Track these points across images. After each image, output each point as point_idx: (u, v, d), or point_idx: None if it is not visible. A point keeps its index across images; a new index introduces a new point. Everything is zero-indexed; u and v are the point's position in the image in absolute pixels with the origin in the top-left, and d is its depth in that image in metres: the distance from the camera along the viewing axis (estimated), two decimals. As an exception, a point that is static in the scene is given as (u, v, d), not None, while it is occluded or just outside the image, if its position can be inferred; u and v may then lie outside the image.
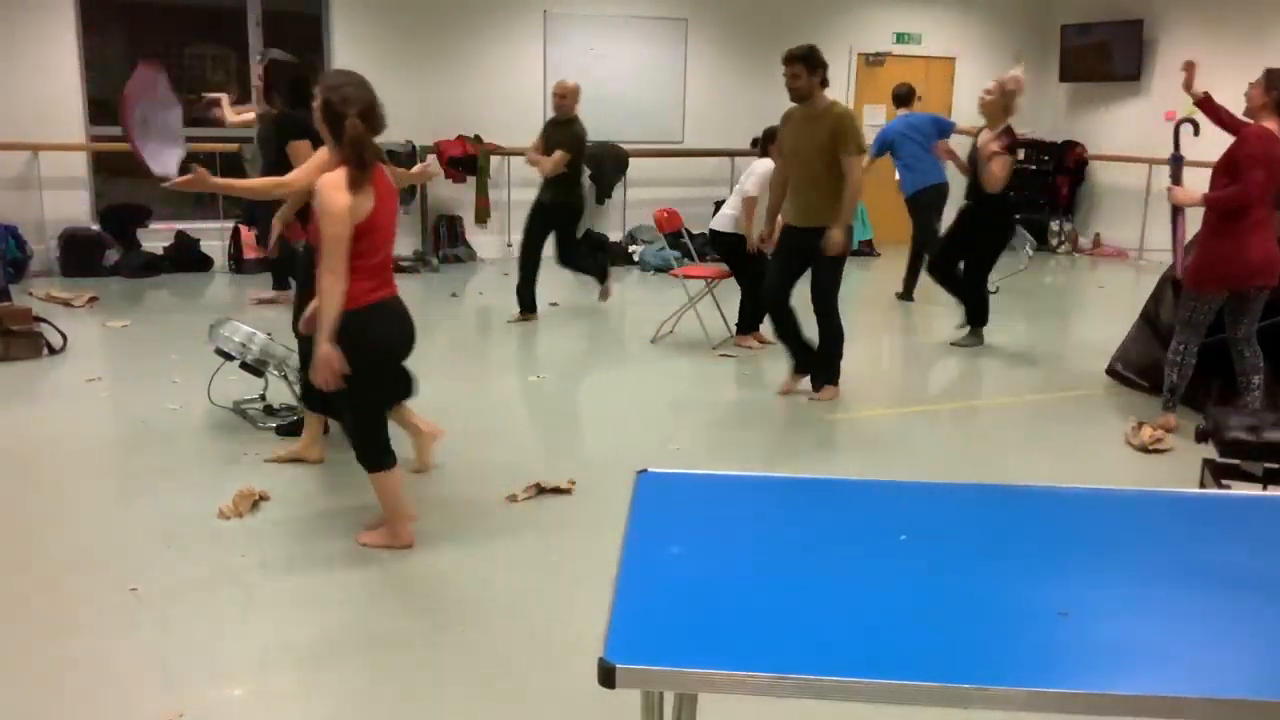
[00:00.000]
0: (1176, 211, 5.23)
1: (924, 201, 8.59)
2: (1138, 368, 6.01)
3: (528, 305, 7.64)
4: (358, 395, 3.52)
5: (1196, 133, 5.52)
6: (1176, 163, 5.22)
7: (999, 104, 6.59)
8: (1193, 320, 5.07)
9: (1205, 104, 5.41)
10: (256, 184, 4.06)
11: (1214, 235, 4.94)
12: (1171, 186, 5.15)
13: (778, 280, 5.63)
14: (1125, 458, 4.94)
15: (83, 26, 8.86)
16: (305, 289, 4.45)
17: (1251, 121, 4.96)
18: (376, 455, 3.65)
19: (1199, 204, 4.96)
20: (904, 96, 8.83)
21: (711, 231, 6.85)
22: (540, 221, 7.49)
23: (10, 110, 8.62)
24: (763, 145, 6.73)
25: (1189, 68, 5.55)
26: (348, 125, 3.32)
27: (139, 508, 4.02)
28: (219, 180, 4.01)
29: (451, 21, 10.07)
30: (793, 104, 5.51)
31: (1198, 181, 5.33)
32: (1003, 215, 6.95)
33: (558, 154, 7.21)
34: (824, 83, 5.43)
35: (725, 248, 6.76)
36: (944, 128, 8.67)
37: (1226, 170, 4.90)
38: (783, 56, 5.43)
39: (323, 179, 3.38)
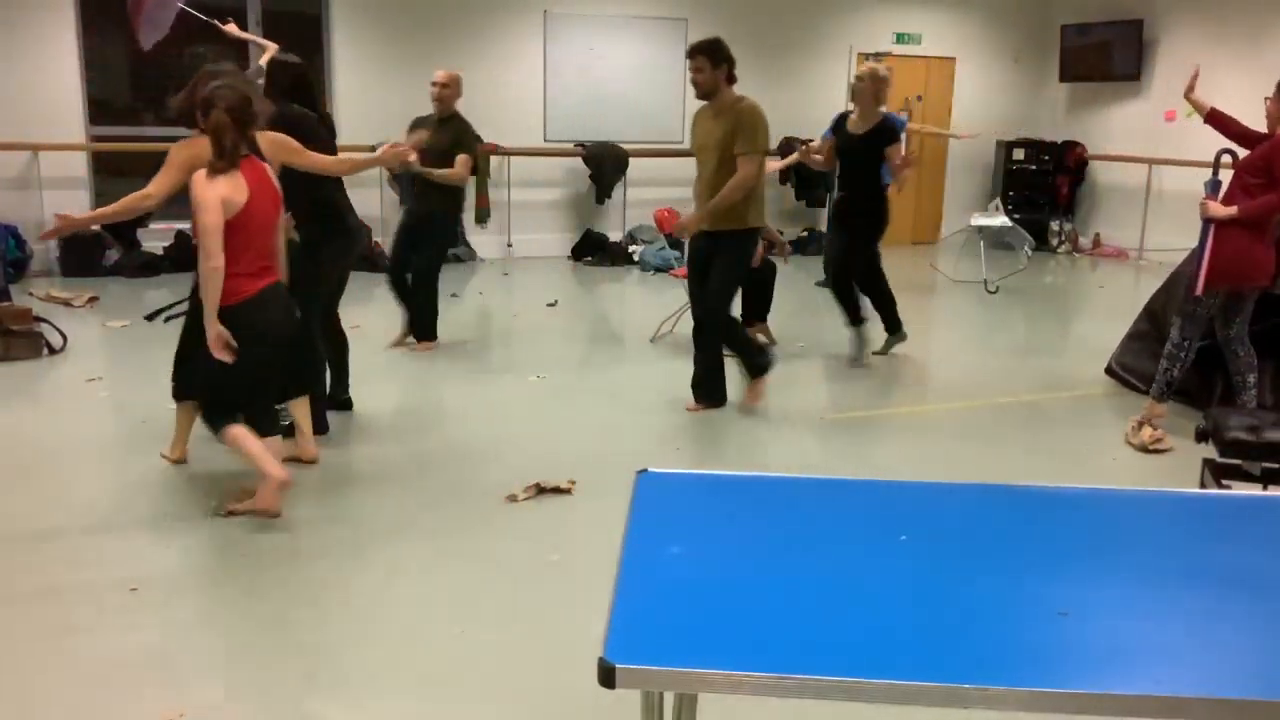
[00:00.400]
0: (1208, 225, 5.14)
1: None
2: (1137, 368, 6.01)
3: (425, 331, 6.52)
4: (236, 378, 3.79)
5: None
6: (1214, 187, 5.18)
7: (869, 92, 6.25)
8: (1196, 314, 5.12)
9: (1214, 118, 5.37)
10: (121, 205, 4.07)
11: (1221, 235, 4.98)
12: (1207, 199, 5.10)
13: (696, 293, 5.35)
14: (1125, 457, 4.94)
15: (83, 26, 8.87)
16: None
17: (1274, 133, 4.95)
18: (218, 417, 3.86)
19: (1235, 217, 4.93)
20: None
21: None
22: (408, 236, 6.46)
23: (10, 110, 8.63)
24: None
25: (1195, 74, 5.54)
26: (212, 116, 3.63)
27: (139, 507, 4.02)
28: (86, 215, 4.27)
29: (451, 21, 10.07)
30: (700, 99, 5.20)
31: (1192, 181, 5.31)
32: (876, 201, 6.49)
33: (464, 158, 6.25)
34: (730, 78, 5.10)
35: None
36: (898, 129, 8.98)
37: (1255, 174, 4.91)
38: (687, 50, 5.16)
39: (196, 174, 3.65)
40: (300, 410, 4.48)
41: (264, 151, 3.99)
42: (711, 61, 5.01)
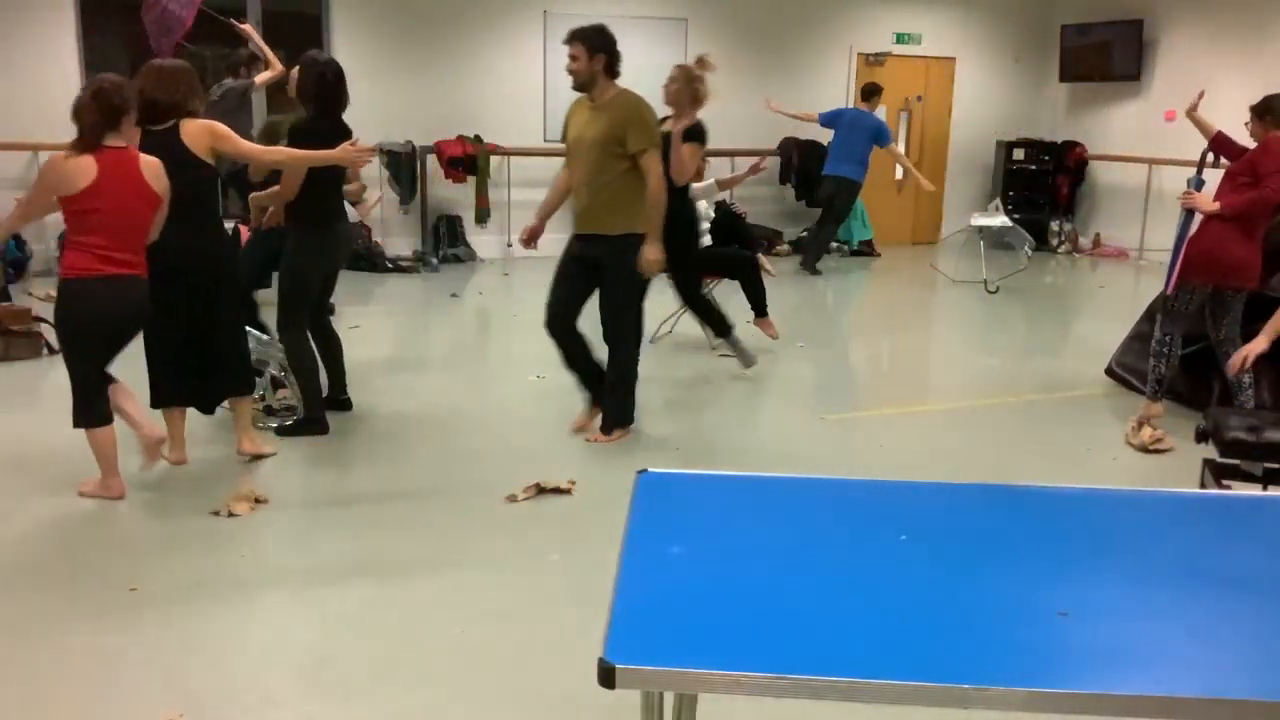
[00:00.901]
0: (1188, 216, 5.18)
1: (833, 187, 9.92)
2: (1138, 369, 6.00)
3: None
4: (68, 358, 3.97)
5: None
6: (1198, 185, 5.23)
7: (685, 92, 5.76)
8: (1174, 310, 5.19)
9: (1218, 143, 5.40)
10: (15, 216, 4.40)
11: (1199, 233, 5.06)
12: (1190, 192, 5.14)
13: (558, 299, 4.83)
14: (1125, 457, 4.94)
15: (83, 26, 8.87)
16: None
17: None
18: (81, 413, 4.00)
19: (1216, 210, 4.98)
20: (868, 93, 10.05)
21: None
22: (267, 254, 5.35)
23: (10, 110, 8.62)
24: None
25: (1200, 96, 5.59)
26: (76, 100, 3.86)
27: (139, 507, 4.02)
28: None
29: (451, 21, 10.07)
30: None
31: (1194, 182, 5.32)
32: (683, 207, 6.02)
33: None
34: (611, 70, 4.65)
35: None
36: (880, 137, 9.75)
37: (1243, 174, 4.99)
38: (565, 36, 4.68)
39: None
40: (241, 407, 4.50)
41: (188, 139, 4.06)
42: (588, 49, 4.56)
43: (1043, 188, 12.10)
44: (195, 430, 4.65)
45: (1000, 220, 9.78)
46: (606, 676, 1.52)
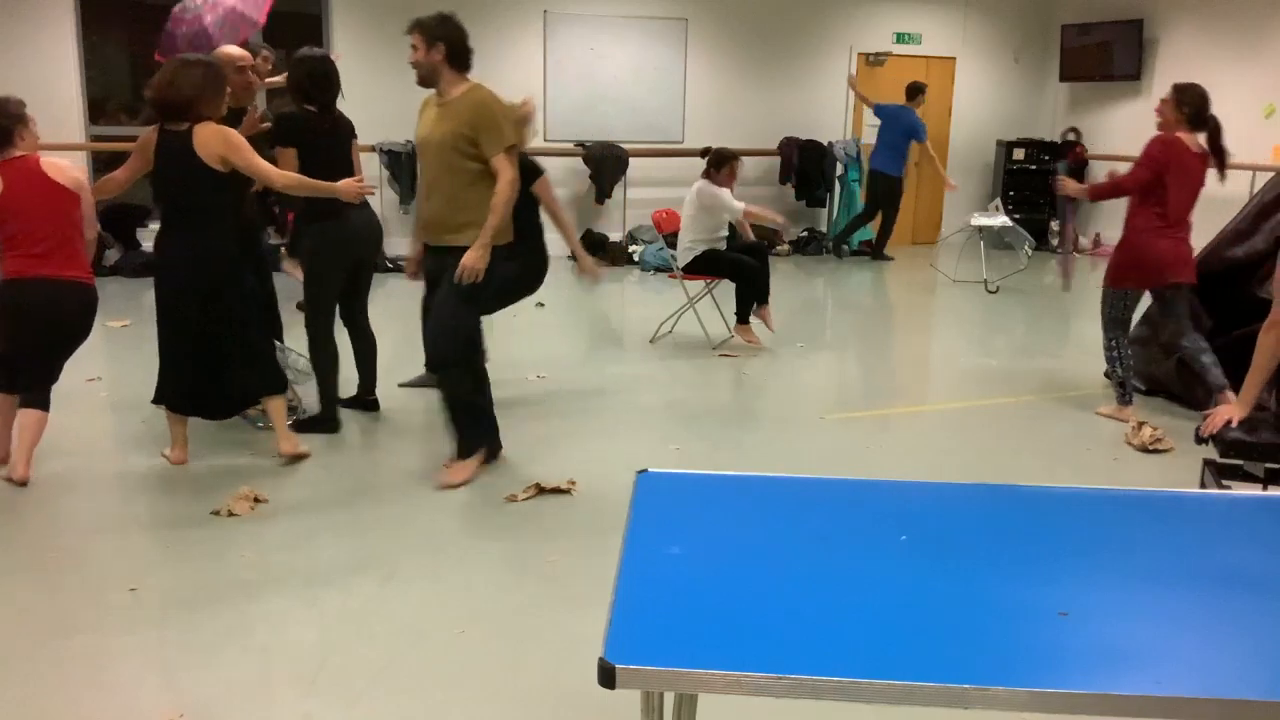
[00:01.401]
0: (1067, 202, 5.72)
1: (872, 182, 10.71)
2: (1140, 371, 5.99)
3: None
4: (11, 344, 4.18)
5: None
6: (1069, 170, 5.71)
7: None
8: (1114, 316, 5.37)
9: (1097, 194, 5.58)
10: None
11: (1128, 236, 5.31)
12: (1062, 177, 5.54)
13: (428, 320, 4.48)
14: (1125, 457, 4.94)
15: (83, 26, 8.87)
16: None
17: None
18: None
19: (1084, 195, 5.48)
20: (911, 92, 10.55)
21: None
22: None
23: (10, 110, 8.62)
24: (710, 168, 6.73)
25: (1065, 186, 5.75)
26: None
27: (139, 508, 4.02)
28: None
29: (451, 21, 10.06)
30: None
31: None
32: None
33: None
34: (456, 62, 4.16)
35: (704, 266, 6.81)
36: (915, 133, 10.38)
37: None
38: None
39: None
40: (275, 407, 4.49)
41: (199, 145, 4.06)
42: (426, 39, 4.11)
43: (1043, 188, 12.09)
44: (195, 429, 4.65)
45: (1000, 220, 9.78)
46: (606, 676, 1.52)
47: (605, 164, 10.49)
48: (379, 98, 9.62)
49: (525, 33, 10.34)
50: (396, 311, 6.76)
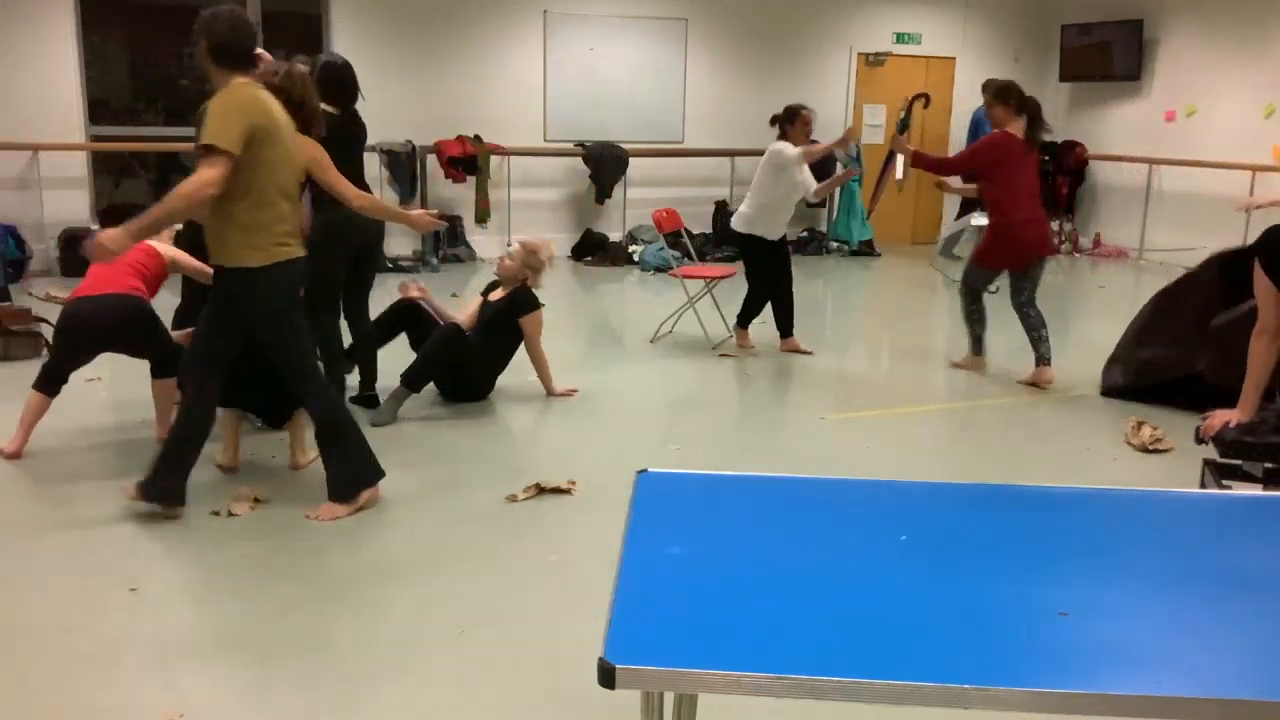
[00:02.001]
0: (890, 157, 6.50)
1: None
2: (1129, 373, 5.92)
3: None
4: None
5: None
6: (902, 128, 6.50)
7: (518, 272, 5.56)
8: (975, 287, 6.34)
9: (919, 161, 6.34)
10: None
11: (995, 228, 6.10)
12: (897, 136, 6.43)
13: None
14: (1125, 457, 4.94)
15: (83, 26, 8.86)
16: None
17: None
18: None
19: (907, 153, 6.26)
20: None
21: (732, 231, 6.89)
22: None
23: (10, 110, 8.62)
24: (782, 126, 6.81)
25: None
26: None
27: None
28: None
29: (451, 21, 10.07)
30: None
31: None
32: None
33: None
34: (225, 62, 3.68)
35: (743, 247, 6.79)
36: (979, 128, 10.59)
37: None
38: None
39: None
40: (295, 421, 4.49)
41: (300, 159, 3.97)
42: (195, 33, 3.70)
43: (1043, 188, 12.07)
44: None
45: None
46: (606, 676, 1.52)
47: (605, 164, 10.50)
48: (378, 98, 9.58)
49: (525, 33, 10.34)
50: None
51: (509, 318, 5.47)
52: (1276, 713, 1.47)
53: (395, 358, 5.47)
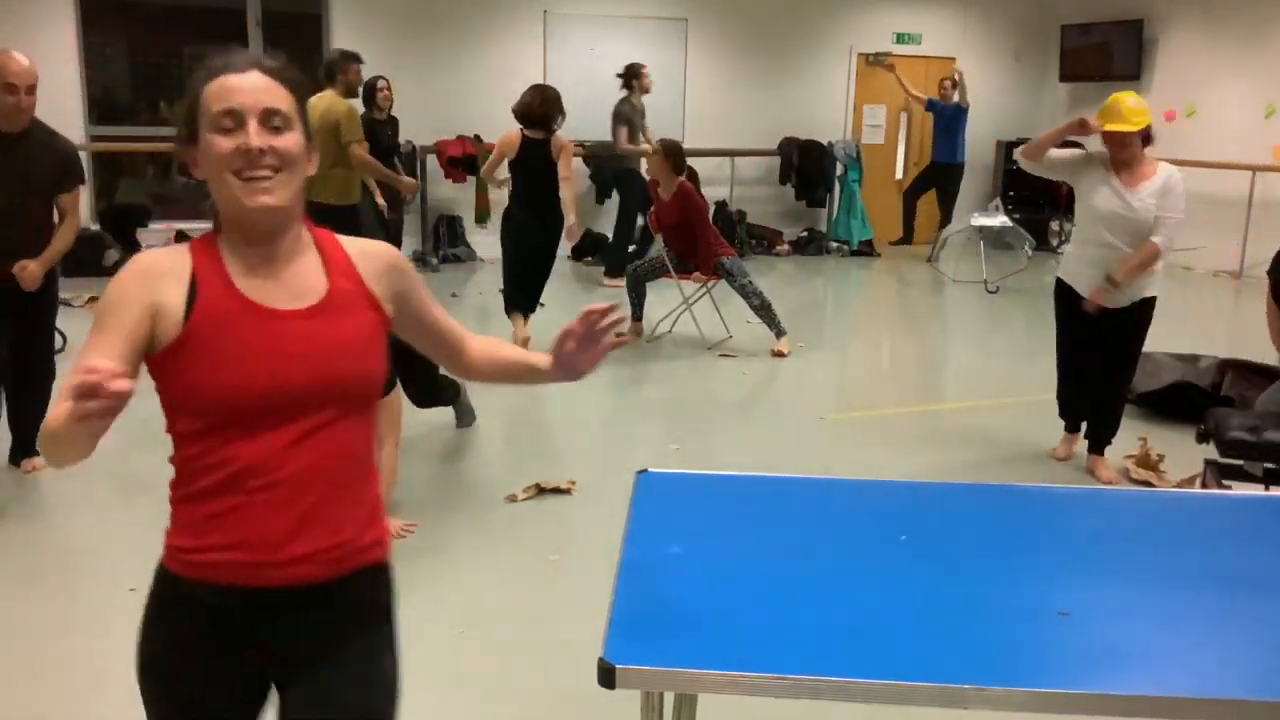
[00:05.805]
0: None
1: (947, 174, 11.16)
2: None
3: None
4: None
5: None
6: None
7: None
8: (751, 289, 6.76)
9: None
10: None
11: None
12: None
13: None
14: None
15: (83, 26, 8.86)
16: None
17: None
18: None
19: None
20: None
21: None
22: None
23: (10, 110, 8.61)
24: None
25: None
26: None
27: (139, 508, 4.02)
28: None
29: (451, 22, 10.07)
30: None
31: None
32: None
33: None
34: None
35: None
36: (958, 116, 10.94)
37: None
38: None
39: None
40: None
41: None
42: None
43: (1043, 187, 12.07)
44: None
45: (1000, 220, 9.78)
46: (606, 676, 1.52)
47: (605, 164, 10.49)
48: (379, 98, 9.59)
49: (525, 33, 10.34)
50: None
51: None
52: (1276, 713, 1.47)
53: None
